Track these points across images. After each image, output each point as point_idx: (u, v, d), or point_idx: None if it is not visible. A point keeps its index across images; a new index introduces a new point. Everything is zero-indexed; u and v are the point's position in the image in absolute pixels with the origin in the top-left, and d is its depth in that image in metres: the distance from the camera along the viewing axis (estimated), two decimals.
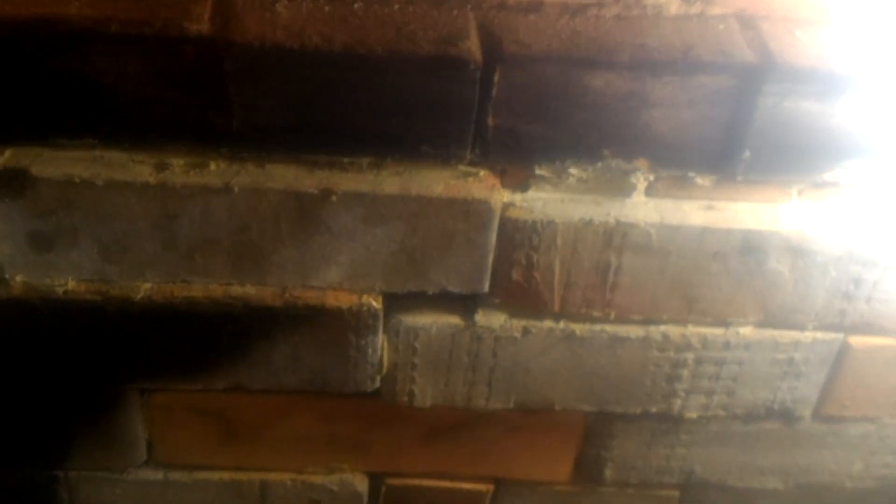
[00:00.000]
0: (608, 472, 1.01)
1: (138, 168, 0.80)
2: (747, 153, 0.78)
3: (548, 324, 0.89)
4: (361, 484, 1.02)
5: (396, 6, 0.76)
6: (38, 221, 0.81)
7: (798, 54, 0.74)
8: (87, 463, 1.00)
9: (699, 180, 0.80)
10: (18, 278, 0.84)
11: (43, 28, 0.72)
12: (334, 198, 0.80)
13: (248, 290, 0.86)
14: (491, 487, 1.04)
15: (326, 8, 0.76)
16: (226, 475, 1.02)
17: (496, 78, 0.74)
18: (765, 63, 0.74)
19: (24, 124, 0.77)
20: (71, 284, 0.85)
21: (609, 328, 0.89)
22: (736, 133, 0.77)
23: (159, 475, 1.01)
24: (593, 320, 0.88)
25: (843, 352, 0.90)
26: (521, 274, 0.85)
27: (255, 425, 0.97)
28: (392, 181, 0.80)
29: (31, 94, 0.75)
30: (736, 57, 0.74)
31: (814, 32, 0.76)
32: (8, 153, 0.79)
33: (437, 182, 0.80)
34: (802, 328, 0.88)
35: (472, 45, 0.74)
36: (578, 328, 0.88)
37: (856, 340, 0.90)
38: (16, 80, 0.74)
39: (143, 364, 0.91)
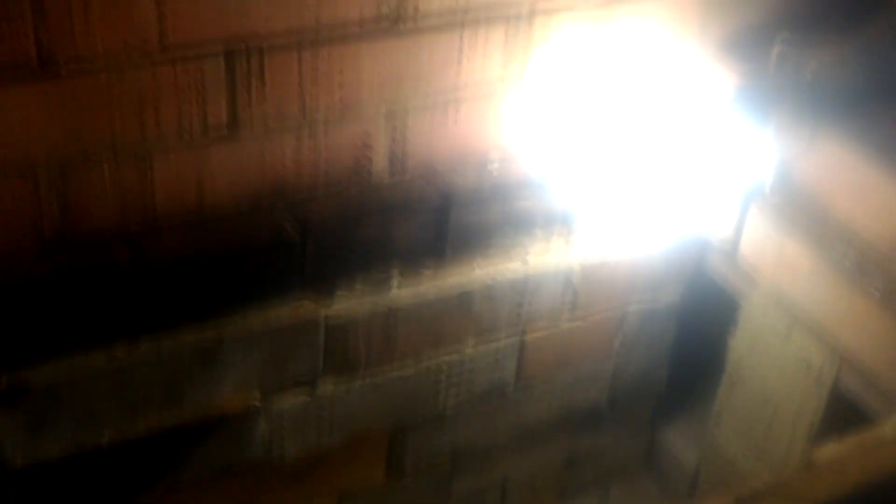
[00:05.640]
0: (407, 465, 1.57)
1: (96, 360, 1.23)
2: (449, 250, 1.39)
3: (360, 382, 1.43)
4: None
5: (240, 220, 1.28)
6: (31, 416, 1.21)
7: (466, 190, 1.37)
8: None
9: (426, 271, 1.40)
10: (19, 458, 1.23)
11: None
12: (223, 341, 1.29)
13: (174, 416, 1.31)
14: (336, 500, 1.55)
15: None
16: None
17: (308, 248, 1.29)
18: (446, 202, 1.36)
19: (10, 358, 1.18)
20: (54, 451, 1.25)
21: (396, 372, 1.45)
22: (441, 241, 1.38)
23: None
24: (386, 370, 1.44)
25: (523, 344, 1.55)
26: (341, 353, 1.39)
27: None
28: (256, 321, 1.31)
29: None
30: (430, 201, 1.36)
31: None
32: (4, 378, 1.18)
33: (283, 313, 1.32)
34: (498, 339, 1.52)
35: (292, 230, 1.28)
36: (379, 378, 1.44)
37: (528, 336, 1.54)
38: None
39: (104, 490, 1.32)
